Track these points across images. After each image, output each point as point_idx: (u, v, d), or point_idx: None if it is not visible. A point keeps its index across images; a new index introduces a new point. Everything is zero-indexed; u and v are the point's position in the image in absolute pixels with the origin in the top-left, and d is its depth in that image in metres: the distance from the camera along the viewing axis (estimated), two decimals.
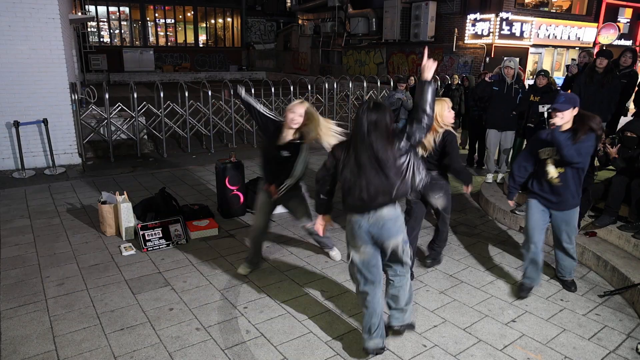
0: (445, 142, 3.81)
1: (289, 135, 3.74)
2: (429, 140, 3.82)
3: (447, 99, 3.89)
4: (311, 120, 3.63)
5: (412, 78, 9.48)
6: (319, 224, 3.20)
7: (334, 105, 11.41)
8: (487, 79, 7.08)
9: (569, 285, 4.02)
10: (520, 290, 3.89)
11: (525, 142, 7.21)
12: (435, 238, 4.39)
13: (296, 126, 3.68)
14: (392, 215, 2.77)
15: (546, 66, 17.58)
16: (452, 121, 3.88)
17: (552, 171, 3.58)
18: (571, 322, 3.52)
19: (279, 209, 5.44)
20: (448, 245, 4.88)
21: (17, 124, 7.08)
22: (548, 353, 3.14)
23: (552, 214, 3.76)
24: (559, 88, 8.18)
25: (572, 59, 17.16)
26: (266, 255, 4.52)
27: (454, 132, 3.90)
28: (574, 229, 3.84)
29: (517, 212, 5.35)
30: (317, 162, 6.87)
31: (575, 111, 3.43)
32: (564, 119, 3.42)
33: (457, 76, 9.79)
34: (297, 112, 3.64)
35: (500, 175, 6.73)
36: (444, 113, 3.78)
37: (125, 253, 4.51)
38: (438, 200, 4.03)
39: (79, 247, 4.67)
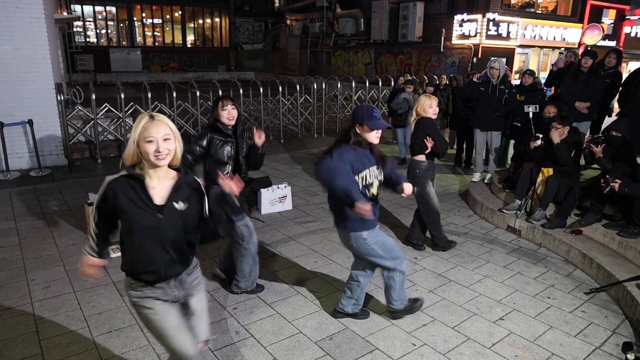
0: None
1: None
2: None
3: (435, 98, 4.36)
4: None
5: (402, 78, 9.53)
6: None
7: (323, 106, 11.42)
8: (475, 79, 7.14)
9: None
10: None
11: (512, 142, 7.30)
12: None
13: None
14: None
15: (532, 66, 17.78)
16: (432, 115, 4.36)
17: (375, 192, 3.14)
18: (558, 319, 3.56)
19: (272, 209, 5.43)
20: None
21: (1, 125, 6.98)
22: (535, 350, 3.18)
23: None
24: (544, 88, 8.28)
25: (560, 53, 17.37)
26: None
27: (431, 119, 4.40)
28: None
29: (504, 210, 5.40)
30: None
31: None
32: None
33: (445, 76, 9.87)
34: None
35: (488, 175, 6.79)
36: (425, 107, 4.36)
37: (112, 255, 4.46)
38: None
39: (66, 249, 4.61)
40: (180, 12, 29.92)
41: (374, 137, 2.92)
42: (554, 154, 4.97)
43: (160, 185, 2.09)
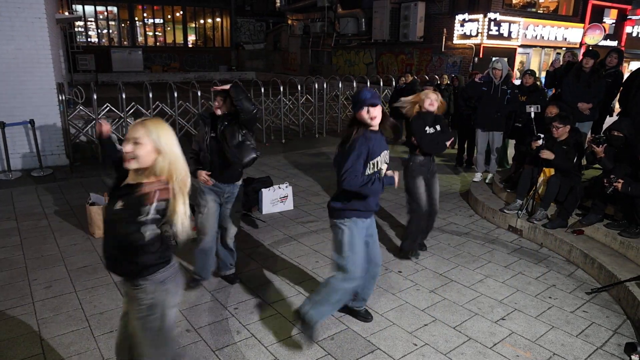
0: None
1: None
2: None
3: (437, 93, 4.36)
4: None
5: (403, 78, 9.52)
6: None
7: (324, 106, 11.41)
8: (477, 79, 7.13)
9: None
10: None
11: (512, 143, 7.29)
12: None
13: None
14: None
15: (534, 66, 17.76)
16: (428, 106, 4.30)
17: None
18: (559, 319, 3.56)
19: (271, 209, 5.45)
20: (438, 244, 4.93)
21: (2, 125, 6.99)
22: (537, 350, 3.17)
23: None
24: (544, 87, 8.28)
25: (557, 53, 17.37)
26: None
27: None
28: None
29: (506, 210, 5.40)
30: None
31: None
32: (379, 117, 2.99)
33: (446, 76, 9.86)
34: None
35: (489, 175, 6.79)
36: (424, 99, 4.31)
37: None
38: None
39: (67, 249, 4.62)
40: (181, 12, 29.96)
41: (365, 117, 2.93)
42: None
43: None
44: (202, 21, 31.13)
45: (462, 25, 16.84)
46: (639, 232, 4.36)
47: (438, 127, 4.39)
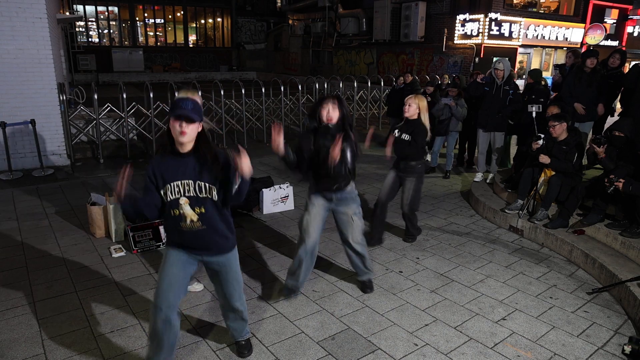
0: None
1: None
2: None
3: (414, 97, 4.56)
4: None
5: (402, 78, 9.50)
6: None
7: None
8: (478, 79, 7.11)
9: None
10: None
11: (514, 142, 7.29)
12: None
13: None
14: None
15: (534, 66, 17.76)
16: (405, 114, 4.58)
17: (190, 213, 2.56)
18: (560, 319, 3.56)
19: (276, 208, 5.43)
20: (439, 244, 4.92)
21: (3, 125, 7.00)
22: (538, 350, 3.17)
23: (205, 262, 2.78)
24: (549, 88, 8.27)
25: (555, 68, 17.38)
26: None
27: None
28: (238, 280, 2.81)
29: (507, 210, 5.39)
30: None
31: (200, 127, 2.48)
32: (191, 134, 2.43)
33: (447, 76, 9.86)
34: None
35: (490, 175, 6.78)
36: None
37: (115, 255, 4.48)
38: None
39: (68, 249, 4.62)
40: (182, 12, 29.98)
41: (176, 130, 2.40)
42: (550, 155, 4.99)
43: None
44: (202, 21, 31.15)
45: (463, 25, 16.85)
46: None
47: (404, 136, 4.53)
